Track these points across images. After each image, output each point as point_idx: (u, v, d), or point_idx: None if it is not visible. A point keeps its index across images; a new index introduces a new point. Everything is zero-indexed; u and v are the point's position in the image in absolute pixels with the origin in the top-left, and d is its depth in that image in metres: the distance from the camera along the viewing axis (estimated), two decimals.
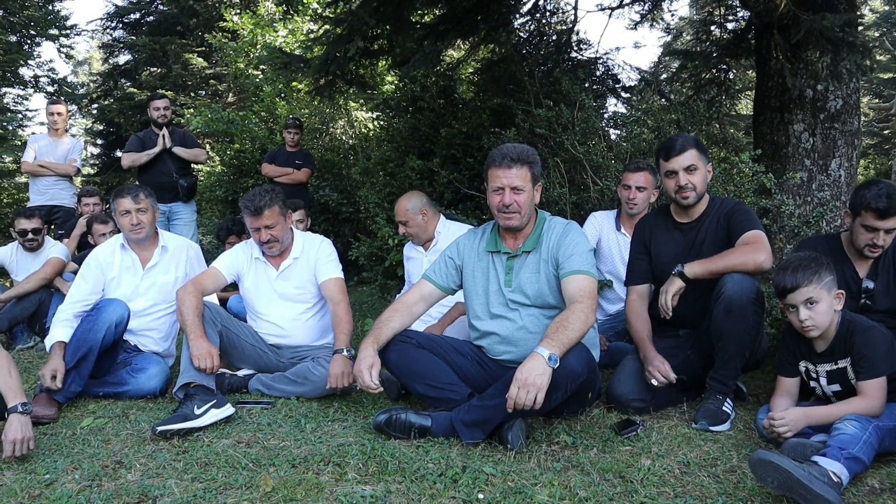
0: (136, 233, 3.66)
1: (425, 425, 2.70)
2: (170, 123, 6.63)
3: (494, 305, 2.94)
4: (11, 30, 13.63)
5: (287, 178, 6.95)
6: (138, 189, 3.70)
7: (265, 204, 3.43)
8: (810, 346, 2.70)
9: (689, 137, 3.12)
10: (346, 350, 3.26)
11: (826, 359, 2.66)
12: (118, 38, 17.24)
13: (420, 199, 4.16)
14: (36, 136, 6.86)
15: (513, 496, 2.17)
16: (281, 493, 2.20)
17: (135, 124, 15.13)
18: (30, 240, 5.20)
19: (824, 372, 2.67)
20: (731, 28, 7.48)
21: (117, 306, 3.44)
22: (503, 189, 2.81)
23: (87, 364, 3.29)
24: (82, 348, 3.27)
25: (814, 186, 5.53)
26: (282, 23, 11.18)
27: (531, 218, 2.93)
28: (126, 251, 3.73)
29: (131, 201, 3.62)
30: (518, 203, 2.81)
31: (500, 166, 2.81)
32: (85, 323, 3.37)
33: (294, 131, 7.21)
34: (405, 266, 4.48)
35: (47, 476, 2.40)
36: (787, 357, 2.79)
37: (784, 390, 2.76)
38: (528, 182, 2.82)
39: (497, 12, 6.21)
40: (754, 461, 2.14)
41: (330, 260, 3.64)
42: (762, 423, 2.66)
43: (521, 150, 2.85)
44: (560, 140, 5.31)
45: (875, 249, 2.92)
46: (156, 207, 3.77)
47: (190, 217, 6.69)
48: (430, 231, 4.15)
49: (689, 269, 2.91)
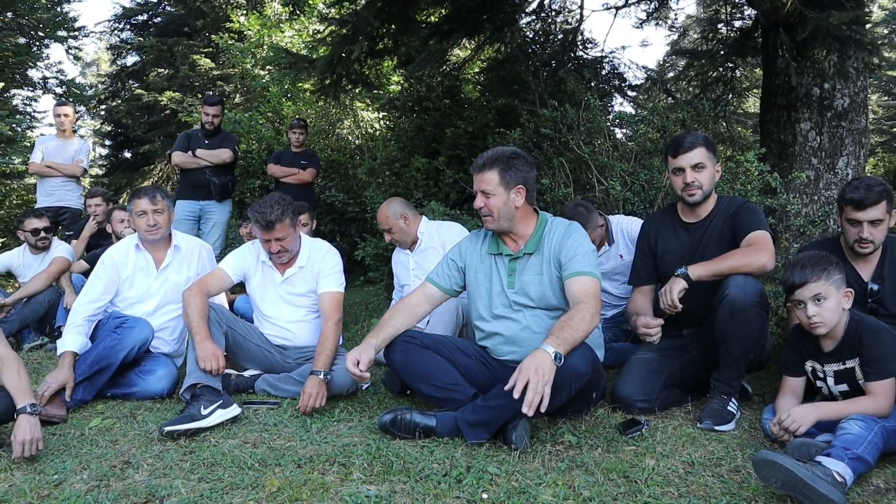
0: (153, 233, 3.66)
1: (430, 425, 2.70)
2: (218, 129, 6.58)
3: (497, 307, 2.95)
4: (20, 32, 13.70)
5: (293, 179, 6.95)
6: (155, 190, 3.71)
7: (276, 218, 3.38)
8: (817, 346, 2.69)
9: (698, 135, 3.11)
10: (323, 373, 3.18)
11: (834, 359, 2.66)
12: (126, 40, 17.29)
13: (399, 204, 4.24)
14: (44, 138, 6.90)
15: (517, 496, 2.17)
16: (286, 493, 2.21)
17: (142, 125, 15.20)
18: (42, 238, 5.24)
19: (832, 372, 2.66)
20: (737, 26, 7.48)
21: (143, 327, 3.46)
22: (477, 193, 2.91)
23: (103, 377, 3.32)
24: (101, 363, 3.29)
25: (821, 185, 5.51)
26: (288, 23, 11.24)
27: (517, 220, 2.92)
28: (140, 252, 3.74)
29: (148, 202, 3.62)
30: (488, 206, 2.86)
31: (473, 171, 2.93)
32: (110, 339, 3.37)
33: (299, 131, 7.22)
34: (394, 270, 4.53)
35: (56, 476, 2.42)
36: (792, 357, 2.78)
37: (789, 390, 2.76)
38: (498, 185, 2.85)
39: (502, 11, 6.22)
40: (757, 461, 2.14)
41: (332, 272, 3.60)
42: (768, 425, 2.66)
43: (493, 153, 2.90)
44: (565, 140, 5.31)
45: (864, 244, 2.91)
46: (171, 209, 3.76)
47: (221, 217, 6.51)
48: (414, 233, 4.23)
49: (692, 270, 2.89)
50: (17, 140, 13.15)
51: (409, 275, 4.31)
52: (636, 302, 3.29)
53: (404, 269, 4.36)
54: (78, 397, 3.25)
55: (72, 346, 3.34)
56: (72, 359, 3.30)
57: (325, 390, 3.13)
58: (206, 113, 6.47)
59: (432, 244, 4.21)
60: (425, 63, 6.17)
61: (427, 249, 4.21)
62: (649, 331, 2.97)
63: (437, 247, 4.20)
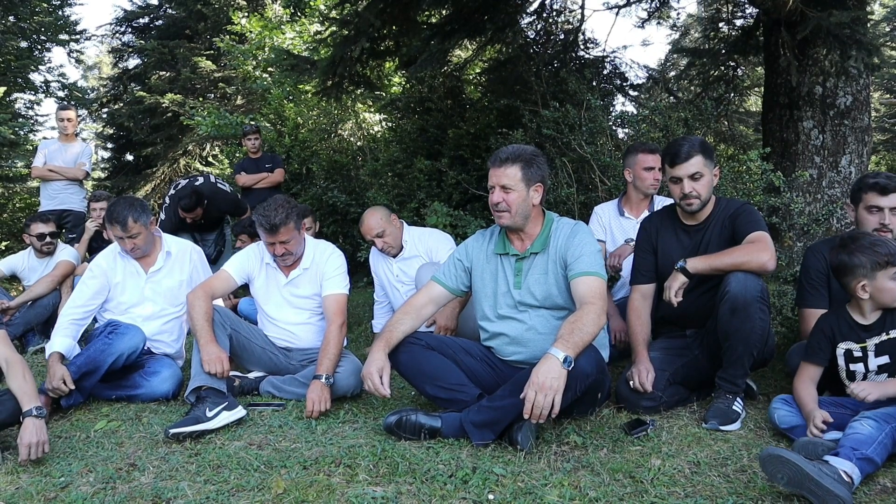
0: (134, 253, 3.68)
1: (435, 426, 2.71)
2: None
3: (502, 307, 2.95)
4: (22, 35, 13.73)
5: (265, 183, 7.14)
6: (127, 213, 3.53)
7: (280, 221, 3.38)
8: (856, 323, 2.69)
9: (694, 142, 3.07)
10: (326, 377, 3.19)
11: (875, 331, 2.65)
12: (127, 43, 17.30)
13: (384, 209, 4.27)
14: (46, 142, 6.93)
15: (523, 497, 2.18)
16: (292, 494, 2.22)
17: (144, 128, 15.20)
18: (47, 243, 5.27)
19: (872, 346, 2.66)
20: (739, 25, 7.48)
21: (135, 335, 3.46)
22: (494, 188, 2.87)
23: (91, 380, 3.33)
24: (90, 365, 3.30)
25: (824, 184, 5.50)
26: (289, 25, 11.24)
27: (530, 218, 2.92)
28: (126, 259, 3.73)
29: (120, 230, 3.55)
30: (507, 202, 2.83)
31: (492, 165, 2.89)
32: (100, 343, 3.38)
33: (254, 137, 7.43)
34: (374, 274, 4.53)
35: (62, 479, 2.43)
36: (821, 343, 2.74)
37: (809, 377, 2.73)
38: (519, 181, 2.83)
39: (504, 12, 6.22)
40: (764, 457, 2.14)
41: (336, 274, 3.60)
42: (776, 415, 2.69)
43: (515, 149, 2.88)
44: (567, 140, 5.31)
45: (885, 233, 2.91)
46: (147, 224, 3.63)
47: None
48: (402, 237, 4.24)
49: (691, 264, 2.90)
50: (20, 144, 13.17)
51: (395, 280, 4.33)
52: (635, 305, 3.28)
53: (388, 273, 4.37)
54: (70, 402, 3.27)
55: (59, 348, 3.37)
56: (59, 358, 3.32)
57: (328, 394, 3.13)
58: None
59: (416, 252, 4.23)
60: (427, 64, 6.16)
61: (412, 258, 4.23)
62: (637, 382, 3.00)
63: (421, 255, 4.21)
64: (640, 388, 2.97)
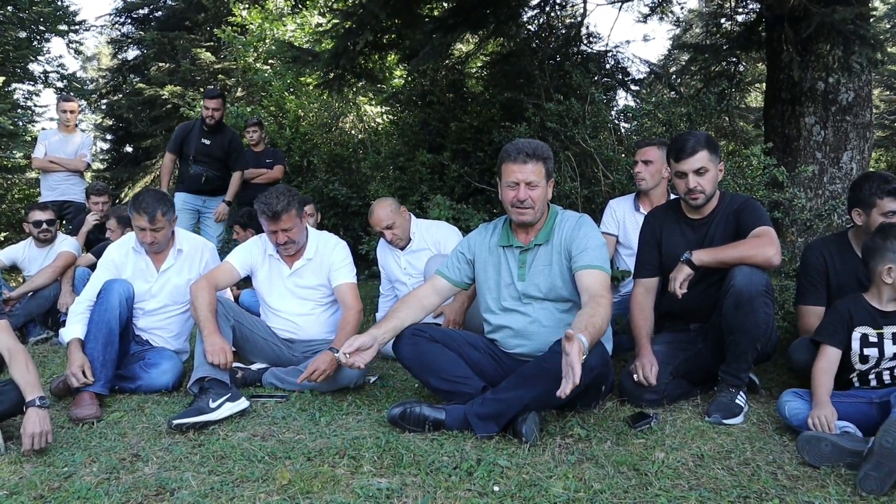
0: (151, 248, 3.62)
1: (439, 418, 2.70)
2: (219, 124, 6.48)
3: (506, 299, 2.95)
4: (21, 26, 13.70)
5: (263, 178, 6.96)
6: (157, 207, 3.49)
7: (282, 208, 3.38)
8: (875, 309, 2.69)
9: (700, 137, 3.08)
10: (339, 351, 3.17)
11: (893, 319, 2.66)
12: (127, 34, 17.23)
13: (393, 200, 4.28)
14: (46, 132, 6.90)
15: (528, 489, 2.18)
16: (297, 485, 2.22)
17: (144, 120, 15.17)
18: (44, 230, 5.25)
19: (889, 334, 2.67)
20: (741, 20, 7.47)
21: (121, 283, 3.43)
22: (518, 184, 2.81)
23: (112, 349, 3.26)
24: (103, 330, 3.24)
25: (825, 179, 5.51)
26: (290, 17, 11.20)
27: (544, 213, 2.94)
28: (139, 254, 3.67)
29: (147, 222, 3.49)
30: (532, 198, 2.82)
31: (515, 161, 2.81)
32: (97, 307, 3.33)
33: (254, 129, 7.19)
34: (382, 266, 4.55)
35: (66, 469, 2.43)
36: (836, 325, 2.73)
37: (830, 362, 2.69)
38: (543, 178, 2.83)
39: (506, 6, 6.22)
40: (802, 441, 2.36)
41: (344, 265, 3.61)
42: (786, 409, 2.69)
43: (536, 145, 2.86)
44: (571, 134, 5.31)
45: None
46: (171, 221, 3.63)
47: None
48: (409, 229, 4.25)
49: (696, 256, 2.90)
50: (19, 134, 13.16)
51: (402, 273, 4.33)
52: (638, 299, 3.27)
53: (396, 266, 4.36)
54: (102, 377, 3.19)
55: (76, 334, 3.33)
56: (79, 345, 3.28)
57: (333, 368, 3.14)
58: (206, 107, 6.39)
59: (424, 245, 4.24)
60: (429, 57, 6.15)
61: (420, 251, 4.23)
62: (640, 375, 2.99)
63: (429, 247, 4.21)
64: (643, 382, 2.98)
